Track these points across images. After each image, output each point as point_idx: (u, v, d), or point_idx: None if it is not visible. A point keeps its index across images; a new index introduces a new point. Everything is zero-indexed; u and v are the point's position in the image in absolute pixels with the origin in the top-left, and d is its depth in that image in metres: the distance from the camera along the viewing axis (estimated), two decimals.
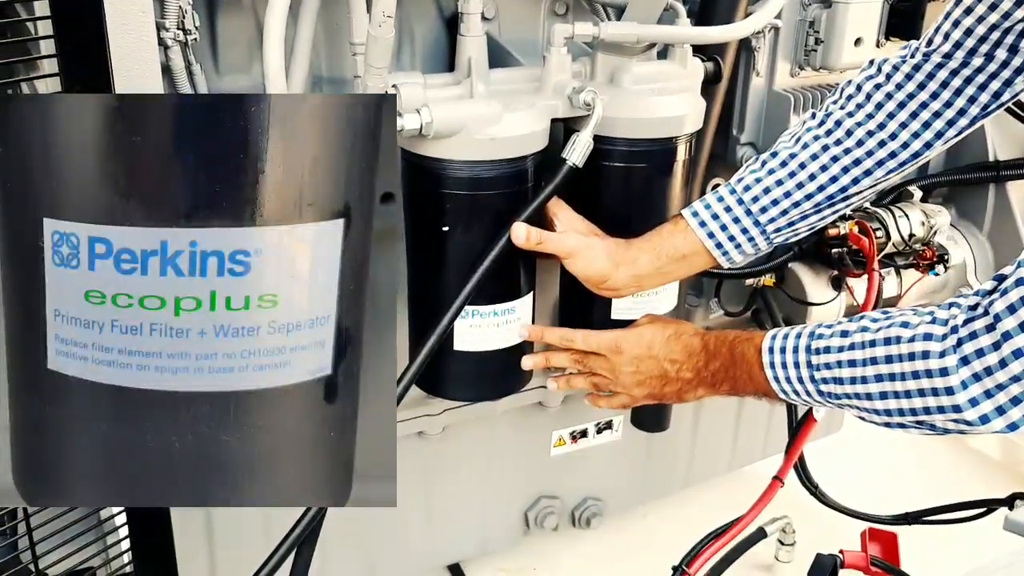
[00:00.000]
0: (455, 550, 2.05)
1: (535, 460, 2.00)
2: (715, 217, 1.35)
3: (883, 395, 1.05)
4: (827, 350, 1.11)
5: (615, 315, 1.53)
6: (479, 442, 1.90)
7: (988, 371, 0.95)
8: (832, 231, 1.83)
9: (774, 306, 1.92)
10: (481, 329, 1.39)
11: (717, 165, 1.75)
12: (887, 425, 1.09)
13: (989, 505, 1.98)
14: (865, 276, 1.82)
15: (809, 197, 1.33)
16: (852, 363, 1.07)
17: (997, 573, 1.25)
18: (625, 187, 1.47)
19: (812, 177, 1.32)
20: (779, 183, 1.33)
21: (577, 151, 1.32)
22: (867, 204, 1.90)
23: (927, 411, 1.01)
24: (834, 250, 1.83)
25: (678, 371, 1.30)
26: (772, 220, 1.35)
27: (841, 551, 1.73)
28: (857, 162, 1.31)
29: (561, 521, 2.10)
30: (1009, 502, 1.94)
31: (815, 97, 1.71)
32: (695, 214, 1.36)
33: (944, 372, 0.97)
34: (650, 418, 1.89)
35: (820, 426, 1.97)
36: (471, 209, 1.34)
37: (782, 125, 1.69)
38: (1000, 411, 0.96)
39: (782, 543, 2.16)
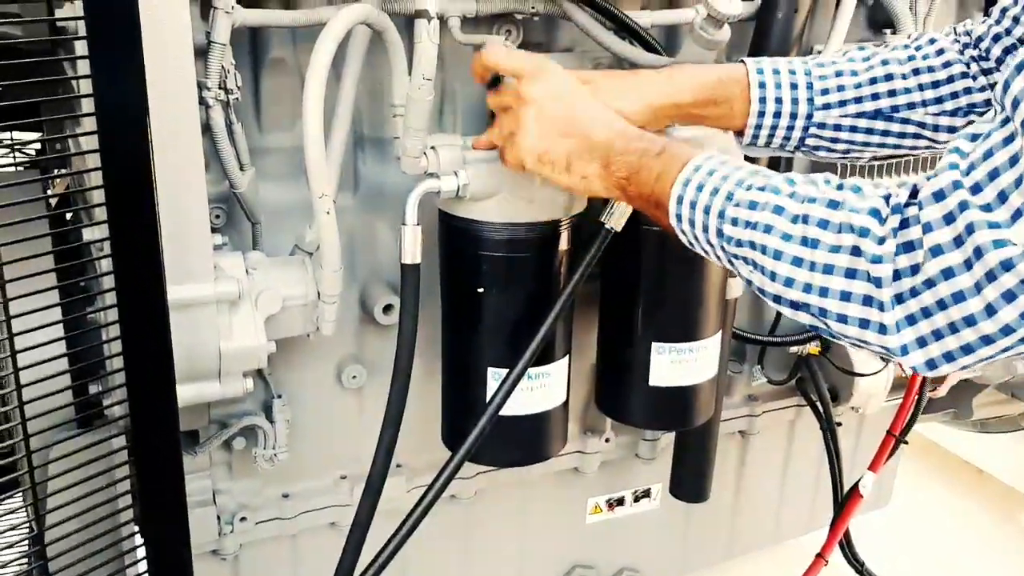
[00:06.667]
0: None
1: (570, 527, 1.95)
2: (775, 72, 1.26)
3: (797, 261, 0.89)
4: (751, 210, 0.94)
5: (653, 382, 1.50)
6: (513, 507, 1.86)
7: (913, 292, 0.80)
8: None
9: (819, 375, 1.87)
10: (515, 393, 1.37)
11: None
12: (777, 300, 0.94)
13: None
14: None
15: (875, 98, 1.25)
16: (778, 209, 0.91)
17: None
18: (663, 251, 1.44)
19: (888, 78, 1.24)
20: (853, 73, 1.26)
21: (615, 215, 1.31)
22: None
23: (845, 296, 0.85)
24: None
25: (590, 126, 1.11)
26: (826, 107, 1.26)
27: None
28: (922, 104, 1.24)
29: None
30: None
31: None
32: (756, 62, 1.28)
33: (877, 259, 0.82)
34: (690, 488, 1.85)
35: (867, 500, 1.91)
36: (507, 271, 1.33)
37: None
38: (920, 343, 0.82)
39: None
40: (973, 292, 0.77)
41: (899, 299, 0.82)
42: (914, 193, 0.82)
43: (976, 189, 0.76)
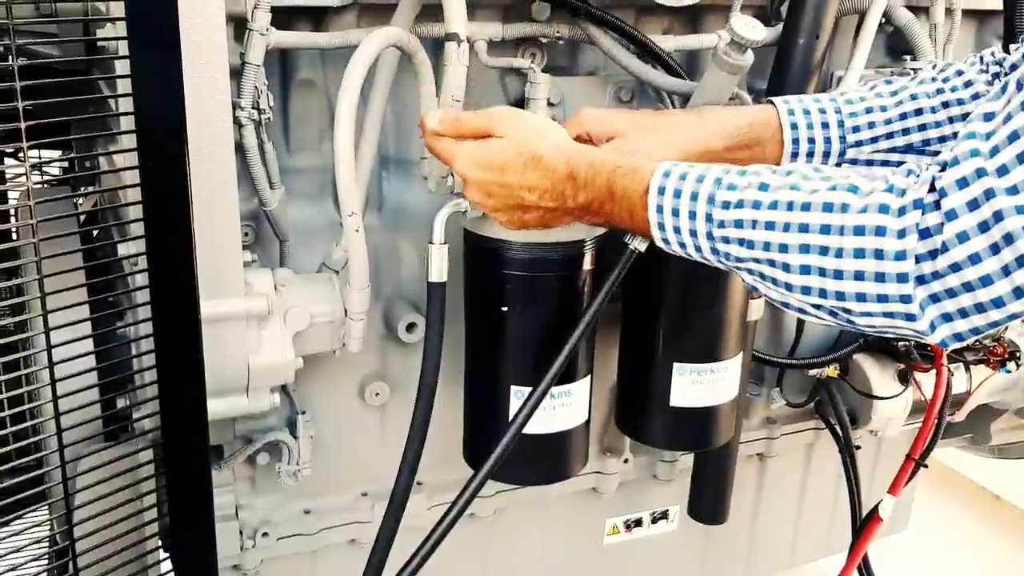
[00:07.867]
0: None
1: (588, 548, 1.95)
2: (806, 112, 1.27)
3: (806, 270, 0.89)
4: (739, 205, 0.94)
5: (674, 402, 1.51)
6: (531, 527, 1.86)
7: (935, 275, 0.82)
8: None
9: (838, 398, 1.87)
10: (537, 412, 1.37)
11: None
12: (787, 306, 0.95)
13: None
14: (933, 371, 1.77)
15: (906, 132, 1.26)
16: (771, 225, 0.91)
17: None
18: (686, 272, 1.45)
19: (918, 112, 1.26)
20: (883, 109, 1.26)
21: (640, 236, 1.32)
22: None
23: (861, 298, 0.86)
24: (901, 343, 1.79)
25: (538, 200, 1.10)
26: (858, 144, 1.27)
27: None
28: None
29: None
30: None
31: None
32: (786, 102, 1.28)
33: (901, 256, 0.82)
34: (708, 510, 1.84)
35: (886, 524, 1.90)
36: (531, 290, 1.34)
37: None
38: (946, 318, 0.83)
39: None
40: (1000, 275, 0.79)
41: (920, 280, 0.83)
42: (932, 186, 0.83)
43: (1002, 171, 0.78)
